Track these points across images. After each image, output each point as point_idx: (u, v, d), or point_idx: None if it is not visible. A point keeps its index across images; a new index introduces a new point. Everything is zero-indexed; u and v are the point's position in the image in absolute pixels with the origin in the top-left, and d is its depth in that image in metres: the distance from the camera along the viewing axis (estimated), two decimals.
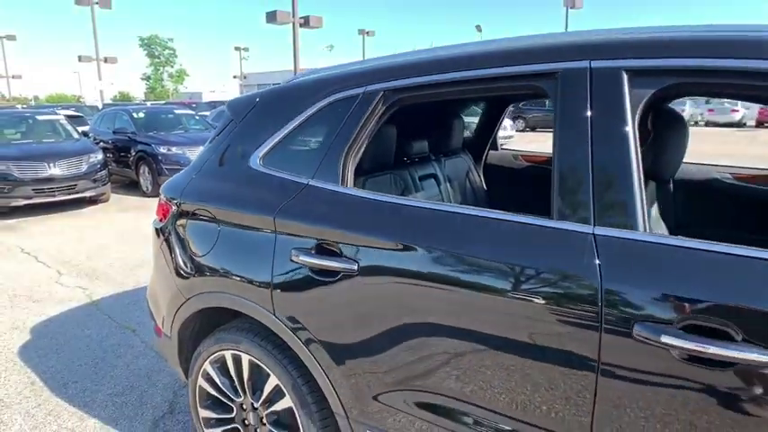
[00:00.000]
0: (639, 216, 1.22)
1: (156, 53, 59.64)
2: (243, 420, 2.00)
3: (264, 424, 1.92)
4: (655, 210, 1.76)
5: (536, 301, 1.28)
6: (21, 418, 2.61)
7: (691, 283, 1.13)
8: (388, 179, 2.22)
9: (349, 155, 1.71)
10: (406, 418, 1.57)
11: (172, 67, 60.96)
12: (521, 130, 25.74)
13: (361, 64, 1.87)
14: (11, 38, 33.47)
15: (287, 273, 1.70)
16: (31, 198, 7.49)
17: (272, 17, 16.16)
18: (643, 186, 1.25)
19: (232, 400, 2.00)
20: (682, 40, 1.28)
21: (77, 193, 7.84)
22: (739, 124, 27.18)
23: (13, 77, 37.31)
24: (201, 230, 1.98)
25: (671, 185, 2.19)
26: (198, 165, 2.13)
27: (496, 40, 1.67)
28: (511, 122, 18.05)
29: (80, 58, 26.06)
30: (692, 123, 28.96)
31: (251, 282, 1.79)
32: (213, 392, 2.04)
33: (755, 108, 27.40)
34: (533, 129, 25.90)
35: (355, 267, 1.55)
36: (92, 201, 8.22)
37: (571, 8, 32.25)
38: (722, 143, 17.26)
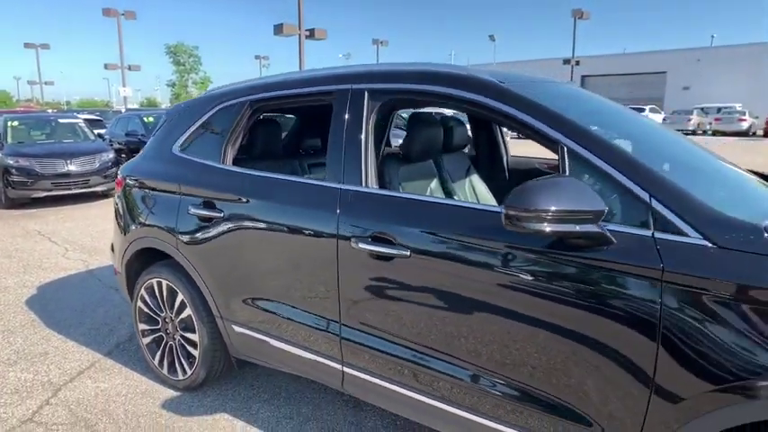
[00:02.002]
0: (363, 178, 2.04)
1: (182, 61, 61.72)
2: (165, 329, 2.86)
3: (177, 329, 2.79)
4: (435, 182, 2.57)
5: (311, 228, 2.11)
6: (21, 340, 3.52)
7: (377, 214, 1.95)
8: (278, 164, 3.05)
9: (228, 143, 2.57)
10: (252, 312, 2.42)
11: (196, 74, 63.01)
12: (516, 137, 26.24)
13: (240, 83, 2.74)
14: (44, 47, 35.61)
15: (185, 222, 2.57)
16: (50, 191, 8.55)
17: (279, 29, 17.28)
18: (371, 161, 2.07)
19: (158, 315, 2.87)
20: (396, 72, 2.12)
21: (90, 187, 8.89)
22: (747, 133, 27.27)
23: (45, 84, 39.48)
24: (139, 196, 2.87)
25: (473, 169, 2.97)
26: (143, 151, 3.03)
27: (316, 69, 2.51)
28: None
29: (106, 66, 27.69)
30: (701, 132, 29.14)
31: (165, 229, 2.67)
32: (146, 310, 2.92)
33: (763, 117, 27.53)
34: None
35: (222, 215, 2.41)
36: (103, 194, 9.25)
37: (579, 18, 32.78)
38: (724, 153, 17.61)
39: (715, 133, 28.25)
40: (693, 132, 28.84)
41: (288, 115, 4.00)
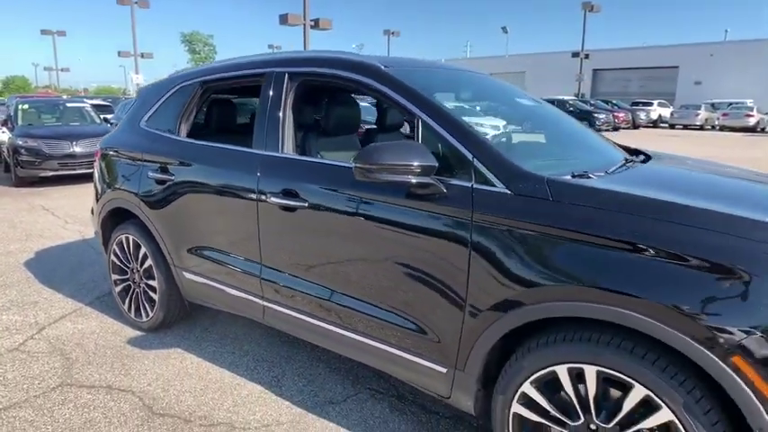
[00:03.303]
0: (280, 146, 2.48)
1: (197, 49, 62.44)
2: (132, 279, 3.34)
3: (141, 278, 3.26)
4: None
5: (238, 187, 2.56)
6: (15, 292, 4.03)
7: (287, 175, 2.39)
8: (232, 138, 3.49)
9: (183, 117, 3.02)
10: (196, 260, 2.88)
11: (211, 62, 63.67)
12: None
13: (197, 67, 3.18)
14: (61, 33, 36.47)
15: (145, 185, 3.04)
16: (56, 170, 9.11)
17: (284, 19, 17.70)
18: (290, 131, 2.51)
19: (126, 266, 3.35)
20: (308, 58, 2.55)
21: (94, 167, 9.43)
22: (754, 129, 27.15)
23: (61, 70, 40.41)
24: (112, 164, 3.34)
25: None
26: (119, 125, 3.50)
27: (255, 55, 2.94)
28: (504, 122, 18.89)
29: (119, 53, 28.37)
30: (709, 127, 29.04)
31: (130, 192, 3.13)
32: (117, 262, 3.40)
33: None
34: None
35: (173, 178, 2.87)
36: None
37: (590, 11, 32.68)
38: (720, 146, 17.81)
39: (722, 129, 28.13)
40: (701, 128, 28.76)
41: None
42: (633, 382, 1.56)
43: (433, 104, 2.08)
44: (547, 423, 1.77)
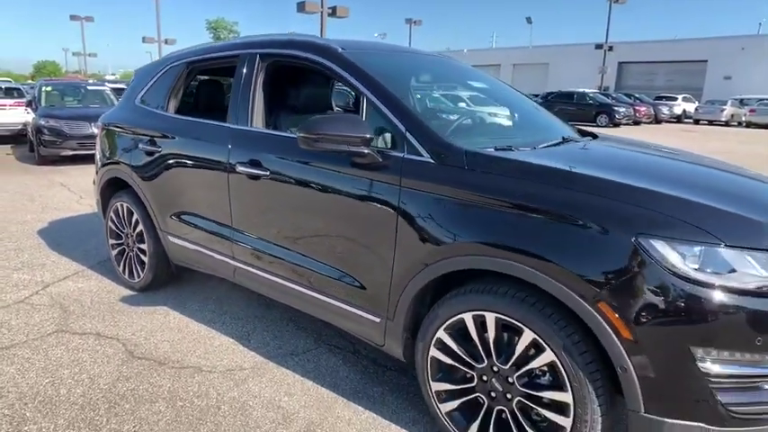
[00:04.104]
0: (249, 120, 2.73)
1: (222, 36, 63.17)
2: (126, 243, 3.66)
3: (134, 242, 3.57)
4: None
5: (213, 157, 2.83)
6: (27, 255, 4.41)
7: (253, 147, 2.65)
8: (218, 115, 3.76)
9: (171, 95, 3.31)
10: (179, 225, 3.17)
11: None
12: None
13: (185, 49, 3.45)
14: (89, 19, 37.41)
15: (137, 156, 3.33)
16: (76, 150, 9.56)
17: (301, 7, 17.95)
18: (259, 107, 2.76)
19: (121, 231, 3.67)
20: (275, 41, 2.79)
21: None
22: None
23: (89, 55, 41.45)
24: (110, 137, 3.66)
25: None
26: (118, 103, 3.81)
27: (232, 39, 3.19)
28: None
29: (144, 39, 29.01)
30: (734, 124, 28.37)
31: (125, 164, 3.44)
32: (114, 228, 3.73)
33: None
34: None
35: (160, 150, 3.16)
36: None
37: (615, 2, 32.12)
38: (738, 142, 17.52)
39: (749, 125, 27.47)
40: (726, 124, 28.12)
41: None
42: (524, 327, 1.78)
43: (378, 84, 2.30)
44: (458, 365, 2.00)
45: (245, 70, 2.82)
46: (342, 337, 3.02)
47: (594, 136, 2.96)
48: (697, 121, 29.16)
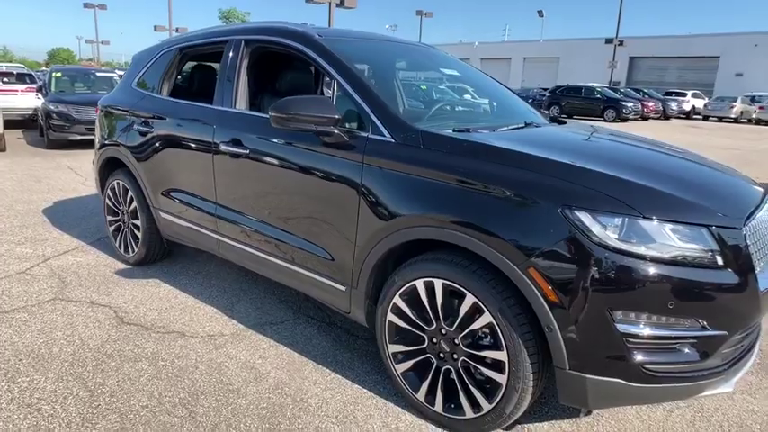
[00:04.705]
0: (233, 102, 2.91)
1: None
2: (122, 219, 3.87)
3: (129, 218, 3.78)
4: None
5: (199, 137, 3.01)
6: (31, 231, 4.63)
7: (235, 127, 2.82)
8: (205, 96, 3.92)
9: (164, 78, 3.49)
10: (169, 201, 3.36)
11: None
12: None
13: (178, 35, 3.63)
14: (102, 7, 37.76)
15: (132, 137, 3.53)
16: (84, 134, 9.80)
17: None
18: (243, 90, 2.93)
19: (118, 208, 3.88)
20: (259, 28, 2.96)
21: None
22: None
23: (102, 43, 41.84)
24: (107, 119, 3.85)
25: None
26: (116, 86, 4.00)
27: (220, 26, 3.37)
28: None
29: (155, 28, 29.28)
30: (744, 120, 28.15)
31: (122, 144, 3.63)
32: (110, 205, 3.94)
33: None
34: (570, 115, 26.02)
35: (152, 130, 3.35)
36: None
37: None
38: (743, 138, 17.45)
39: (758, 122, 27.27)
40: (735, 120, 27.91)
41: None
42: (466, 292, 1.95)
43: (348, 69, 2.47)
44: (411, 329, 2.17)
45: (230, 55, 2.99)
46: (319, 309, 3.20)
47: (562, 122, 3.10)
48: (706, 118, 28.95)
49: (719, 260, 1.75)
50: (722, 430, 2.24)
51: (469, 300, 1.95)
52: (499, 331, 1.89)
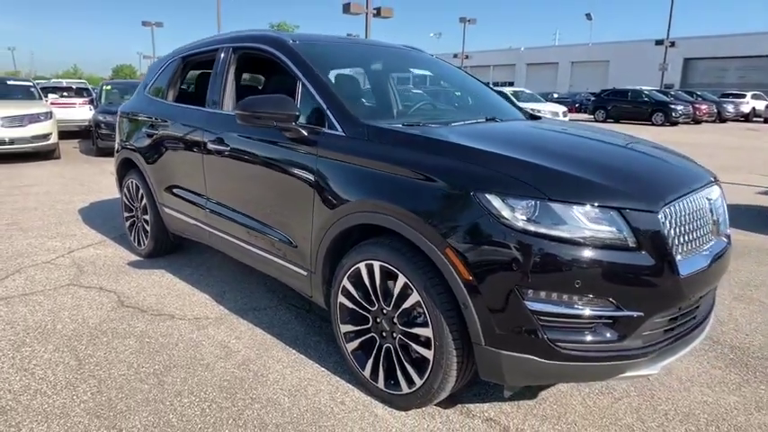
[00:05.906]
0: (221, 104, 3.17)
1: None
2: (136, 215, 4.22)
3: (141, 215, 4.12)
4: None
5: (192, 138, 3.29)
6: (64, 228, 5.10)
7: (220, 126, 3.07)
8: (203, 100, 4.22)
9: (170, 85, 3.81)
10: (170, 197, 3.66)
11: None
12: (601, 121, 25.53)
13: (182, 46, 3.95)
14: (158, 24, 39.96)
15: (142, 140, 3.87)
16: None
17: (346, 8, 18.54)
18: (230, 93, 3.19)
19: (132, 204, 4.24)
20: (243, 36, 3.20)
21: None
22: None
23: (158, 58, 44.26)
24: (125, 124, 4.22)
25: None
26: (133, 95, 4.38)
27: (216, 35, 3.64)
28: (564, 108, 18.52)
29: None
30: (755, 119, 26.58)
31: (133, 146, 3.98)
32: (126, 202, 4.31)
33: None
34: (617, 119, 25.23)
35: (158, 132, 3.67)
36: None
37: None
38: (755, 138, 16.47)
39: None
40: None
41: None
42: (398, 272, 2.09)
43: (311, 71, 2.66)
44: (357, 309, 2.32)
45: (220, 62, 3.26)
46: (301, 297, 3.40)
47: (536, 118, 3.18)
48: (767, 120, 27.38)
49: (631, 242, 1.81)
50: (666, 419, 2.25)
51: (401, 280, 2.08)
52: (425, 309, 2.01)
